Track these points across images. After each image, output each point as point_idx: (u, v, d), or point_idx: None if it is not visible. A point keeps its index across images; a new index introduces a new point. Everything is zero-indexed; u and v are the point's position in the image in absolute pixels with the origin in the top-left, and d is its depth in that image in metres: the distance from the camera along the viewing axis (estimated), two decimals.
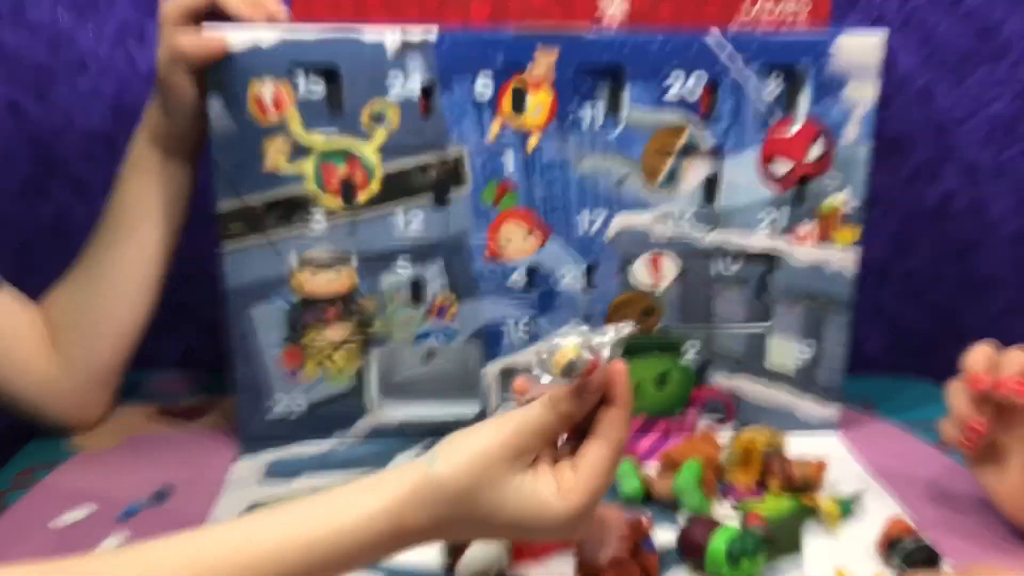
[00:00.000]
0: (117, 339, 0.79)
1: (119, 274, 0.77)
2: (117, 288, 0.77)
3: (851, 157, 0.76)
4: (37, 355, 0.77)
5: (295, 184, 0.74)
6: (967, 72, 0.93)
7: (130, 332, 0.79)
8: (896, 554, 0.62)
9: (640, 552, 0.61)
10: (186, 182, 0.78)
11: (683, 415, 0.81)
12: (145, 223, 0.77)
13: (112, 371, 0.80)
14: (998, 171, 0.97)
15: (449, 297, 0.77)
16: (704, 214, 0.77)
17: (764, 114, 0.75)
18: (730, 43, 0.73)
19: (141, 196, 0.76)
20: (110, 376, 0.80)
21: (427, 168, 0.74)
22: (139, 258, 0.77)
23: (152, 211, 0.77)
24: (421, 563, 0.63)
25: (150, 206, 0.76)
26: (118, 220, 0.77)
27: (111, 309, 0.78)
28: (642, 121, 0.74)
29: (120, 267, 0.77)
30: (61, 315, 0.78)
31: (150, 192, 0.76)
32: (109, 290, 0.77)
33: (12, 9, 0.89)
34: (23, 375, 0.76)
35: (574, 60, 0.73)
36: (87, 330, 0.78)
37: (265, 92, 0.72)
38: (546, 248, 0.77)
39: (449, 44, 0.72)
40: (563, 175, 0.75)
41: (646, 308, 0.78)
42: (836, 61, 0.74)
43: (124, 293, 0.78)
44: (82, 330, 0.77)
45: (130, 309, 0.78)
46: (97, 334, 0.78)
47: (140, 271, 0.78)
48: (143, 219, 0.77)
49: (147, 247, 0.77)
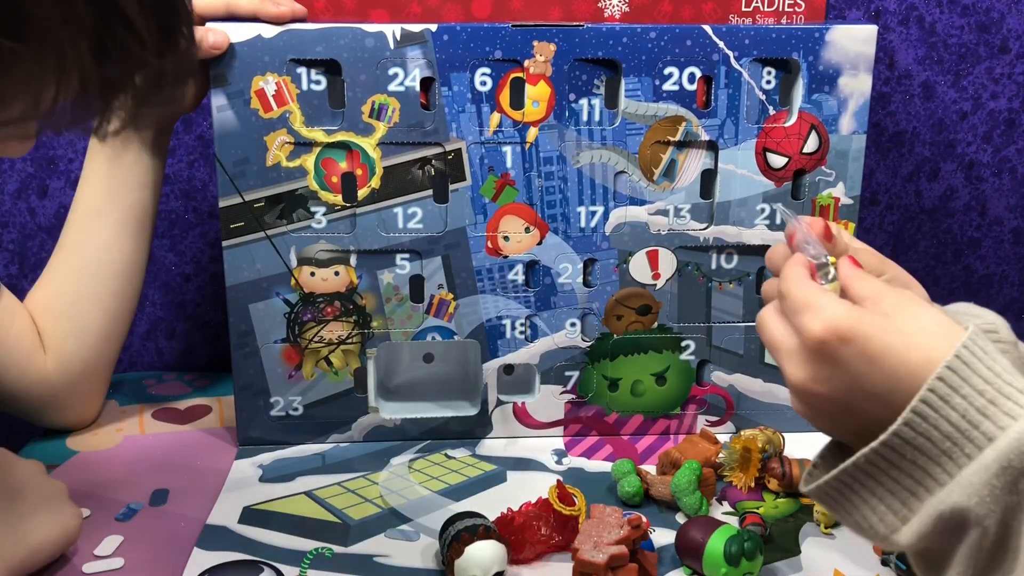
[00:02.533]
0: (105, 328, 0.78)
1: (97, 261, 0.77)
2: (97, 275, 0.77)
3: (846, 150, 0.76)
4: (35, 354, 0.76)
5: (296, 180, 0.74)
6: (967, 69, 0.93)
7: (117, 321, 0.79)
8: (892, 555, 0.61)
9: (639, 552, 0.61)
10: (159, 161, 0.77)
11: (682, 414, 0.81)
12: (119, 205, 0.76)
13: (104, 363, 0.80)
14: (998, 169, 0.96)
15: (448, 294, 0.77)
16: (702, 208, 0.77)
17: (760, 107, 0.75)
18: (726, 36, 0.73)
19: (114, 178, 0.76)
20: (102, 369, 0.80)
21: (426, 162, 0.75)
22: (116, 243, 0.77)
23: (126, 192, 0.76)
24: (422, 565, 0.63)
25: (123, 188, 0.76)
26: (90, 205, 0.76)
27: (94, 297, 0.77)
28: (639, 114, 0.74)
29: (98, 253, 0.77)
30: (47, 308, 0.77)
31: (123, 174, 0.76)
32: (90, 278, 0.77)
33: None
34: (23, 375, 0.76)
35: (572, 54, 0.73)
36: (74, 321, 0.77)
37: (267, 86, 0.72)
38: (545, 243, 0.77)
39: (448, 38, 0.72)
40: (561, 169, 0.75)
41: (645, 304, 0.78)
42: (830, 54, 0.74)
43: (106, 279, 0.77)
44: (69, 321, 0.77)
45: (115, 295, 0.78)
46: (85, 324, 0.77)
47: (118, 256, 0.77)
48: (116, 202, 0.76)
49: (124, 230, 0.77)
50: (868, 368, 0.43)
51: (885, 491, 0.43)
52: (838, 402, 0.45)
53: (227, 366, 0.79)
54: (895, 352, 0.43)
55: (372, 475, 0.75)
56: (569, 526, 0.64)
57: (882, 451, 0.43)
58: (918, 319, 0.44)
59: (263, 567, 0.63)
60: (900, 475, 0.43)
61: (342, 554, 0.64)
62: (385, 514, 0.69)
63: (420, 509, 0.70)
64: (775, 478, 0.71)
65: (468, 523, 0.61)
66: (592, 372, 0.80)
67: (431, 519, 0.68)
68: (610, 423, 0.81)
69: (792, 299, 0.46)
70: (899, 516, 0.43)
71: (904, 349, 0.43)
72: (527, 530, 0.63)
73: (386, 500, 0.71)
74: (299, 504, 0.70)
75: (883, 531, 0.44)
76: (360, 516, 0.69)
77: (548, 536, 0.63)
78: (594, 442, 0.80)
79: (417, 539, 0.66)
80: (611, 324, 0.79)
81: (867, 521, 0.44)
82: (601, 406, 0.80)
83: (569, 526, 0.64)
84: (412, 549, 0.65)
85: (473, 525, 0.61)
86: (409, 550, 0.65)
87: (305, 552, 0.64)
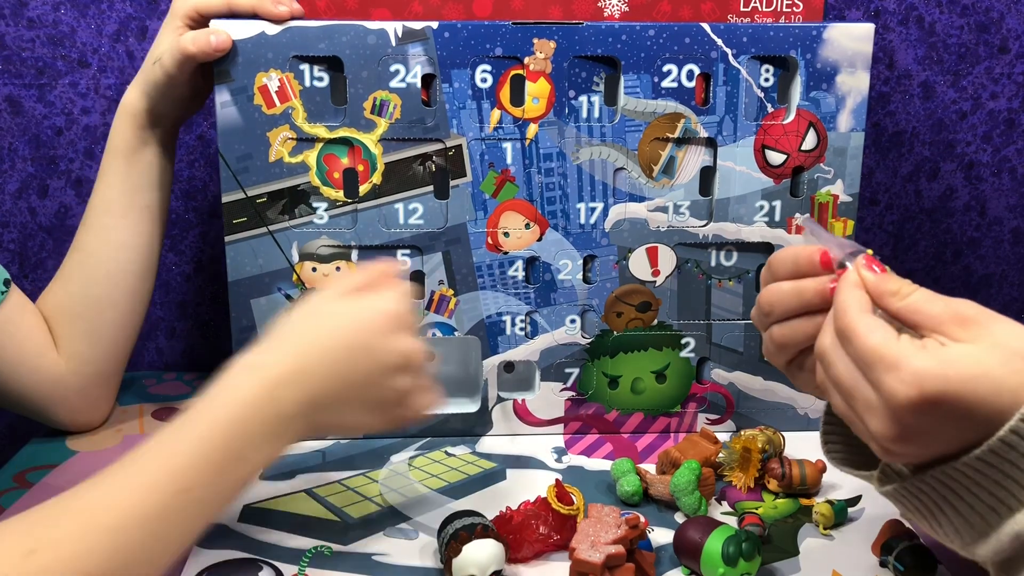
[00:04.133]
0: (118, 329, 0.79)
1: (114, 261, 0.77)
2: (113, 275, 0.77)
3: (844, 147, 0.76)
4: (46, 354, 0.76)
5: (298, 175, 0.74)
6: (966, 69, 0.93)
7: (130, 322, 0.79)
8: (891, 556, 0.61)
9: (636, 552, 0.61)
10: (170, 162, 0.79)
11: (682, 411, 0.81)
12: (136, 206, 0.77)
13: (116, 364, 0.80)
14: (998, 168, 0.96)
15: (449, 290, 0.77)
16: (701, 205, 0.77)
17: (758, 104, 0.75)
18: (724, 34, 0.73)
19: (131, 179, 0.76)
20: (114, 370, 0.80)
21: (427, 158, 0.75)
22: (132, 243, 0.77)
23: (142, 193, 0.77)
24: (420, 563, 0.63)
25: (140, 188, 0.77)
26: (108, 206, 0.77)
27: (109, 297, 0.77)
28: (638, 111, 0.75)
29: (114, 253, 0.77)
30: (61, 310, 0.78)
31: (140, 175, 0.77)
32: (105, 278, 0.77)
33: (13, 6, 0.89)
34: (33, 374, 0.76)
35: (572, 51, 0.73)
36: (89, 322, 0.77)
37: (271, 82, 0.72)
38: (545, 239, 0.77)
39: (449, 35, 0.72)
40: (561, 165, 0.75)
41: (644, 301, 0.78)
42: (827, 51, 0.74)
43: (121, 280, 0.78)
44: (84, 322, 0.77)
45: (128, 297, 0.78)
46: (99, 325, 0.78)
47: (134, 256, 0.78)
48: (133, 202, 0.77)
49: (140, 230, 0.78)
50: (960, 422, 0.43)
51: (966, 505, 0.43)
52: (928, 447, 0.44)
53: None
54: (987, 403, 0.42)
55: (372, 472, 0.75)
56: (567, 525, 0.64)
57: (975, 463, 0.43)
58: (1000, 347, 0.43)
59: (262, 565, 0.63)
60: (986, 489, 0.43)
61: (341, 552, 0.64)
62: (384, 512, 0.69)
63: (419, 507, 0.70)
64: (775, 478, 0.71)
65: (466, 522, 0.61)
66: (592, 369, 0.80)
67: (430, 517, 0.68)
68: (610, 421, 0.81)
69: (863, 347, 0.45)
70: (977, 530, 0.43)
71: (995, 396, 0.42)
72: (525, 529, 0.63)
73: (386, 498, 0.71)
74: (299, 502, 0.70)
75: (960, 542, 0.44)
76: (359, 514, 0.69)
77: (546, 535, 0.63)
78: (594, 440, 0.80)
79: (416, 538, 0.66)
80: (611, 321, 0.79)
81: (945, 529, 0.44)
82: (601, 403, 0.80)
83: (567, 525, 0.64)
84: (411, 547, 0.65)
85: (471, 524, 0.61)
86: (408, 548, 0.65)
87: (304, 550, 0.64)
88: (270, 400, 0.55)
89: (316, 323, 0.58)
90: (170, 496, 0.52)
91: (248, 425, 0.54)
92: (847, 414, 0.48)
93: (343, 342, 0.57)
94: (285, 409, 0.56)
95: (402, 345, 0.59)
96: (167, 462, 0.53)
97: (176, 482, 0.52)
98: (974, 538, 0.43)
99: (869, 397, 0.45)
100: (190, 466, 0.53)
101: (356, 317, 0.58)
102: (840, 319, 0.47)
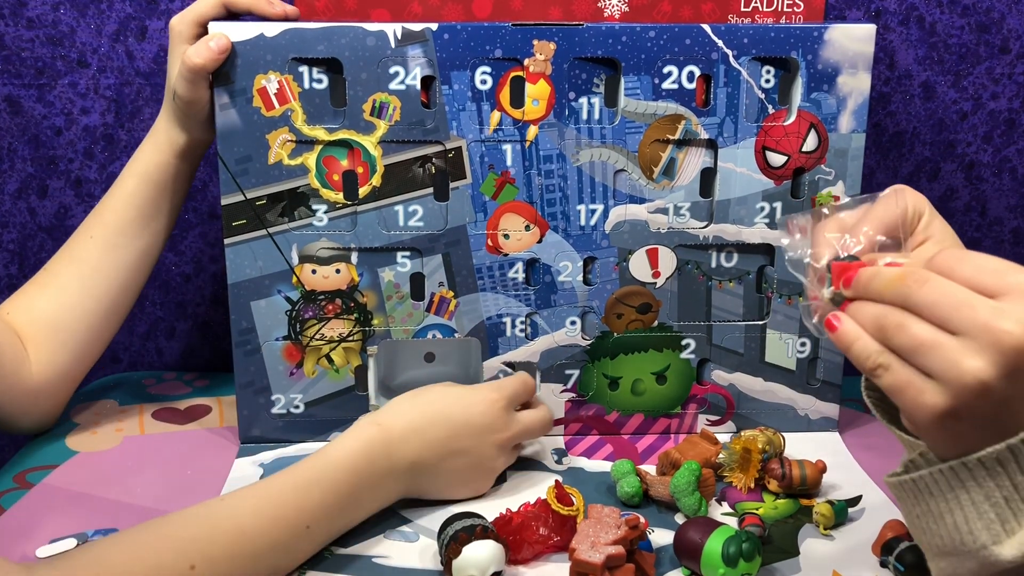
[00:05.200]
0: (101, 341, 0.79)
1: (116, 279, 0.77)
2: (112, 292, 0.78)
3: (845, 149, 0.76)
4: (23, 365, 0.75)
5: (297, 178, 0.74)
6: (967, 69, 0.93)
7: (112, 332, 0.80)
8: (892, 556, 0.61)
9: (636, 552, 0.61)
10: (188, 187, 0.80)
11: (683, 413, 0.81)
12: (151, 229, 0.78)
13: (87, 368, 0.80)
14: (998, 169, 0.96)
15: (449, 292, 0.77)
16: (701, 206, 0.77)
17: (759, 106, 0.75)
18: (724, 35, 0.73)
19: (153, 204, 0.77)
20: (83, 374, 0.80)
21: (427, 160, 0.75)
22: (139, 263, 0.78)
23: (161, 217, 0.78)
24: (421, 565, 0.63)
25: (161, 213, 0.78)
26: (124, 227, 0.77)
27: (102, 311, 0.78)
28: (639, 113, 0.75)
29: (120, 271, 0.77)
30: (45, 320, 0.76)
31: (162, 201, 0.77)
32: (105, 294, 0.77)
33: (12, 6, 0.89)
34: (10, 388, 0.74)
35: (572, 52, 0.73)
36: (75, 334, 0.77)
37: (270, 85, 0.72)
38: (545, 241, 0.77)
39: (449, 37, 0.72)
40: (561, 167, 0.75)
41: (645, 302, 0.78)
42: (828, 52, 0.74)
43: (119, 295, 0.78)
44: (70, 334, 0.77)
45: (120, 311, 0.79)
46: (85, 337, 0.78)
47: (137, 276, 0.79)
48: (150, 225, 0.78)
49: (149, 252, 0.79)
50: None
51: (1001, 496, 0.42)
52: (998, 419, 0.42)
53: (227, 366, 0.79)
54: None
55: None
56: (567, 526, 0.64)
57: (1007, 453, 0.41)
58: None
59: None
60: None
61: (341, 554, 0.64)
62: (384, 514, 0.69)
63: (419, 509, 0.70)
64: (775, 479, 0.71)
65: (466, 523, 0.61)
66: (592, 371, 0.80)
67: (430, 519, 0.68)
68: (610, 422, 0.81)
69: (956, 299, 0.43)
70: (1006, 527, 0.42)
71: None
72: (525, 530, 0.63)
73: None
74: None
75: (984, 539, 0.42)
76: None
77: (546, 536, 0.63)
78: (594, 441, 0.80)
79: (416, 540, 0.66)
80: (611, 322, 0.79)
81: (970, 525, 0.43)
82: (601, 405, 0.80)
83: (567, 526, 0.64)
84: (411, 549, 0.65)
85: (471, 525, 0.61)
86: (408, 550, 0.65)
87: None
88: (386, 453, 0.65)
89: (438, 395, 0.70)
90: (297, 531, 0.60)
91: (367, 473, 0.64)
92: (907, 381, 0.44)
93: (456, 418, 0.69)
94: (398, 464, 0.66)
95: (505, 435, 0.70)
96: (298, 500, 0.61)
97: (303, 519, 0.60)
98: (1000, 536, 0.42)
99: (972, 329, 0.41)
100: (317, 505, 0.61)
101: (472, 399, 0.70)
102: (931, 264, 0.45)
